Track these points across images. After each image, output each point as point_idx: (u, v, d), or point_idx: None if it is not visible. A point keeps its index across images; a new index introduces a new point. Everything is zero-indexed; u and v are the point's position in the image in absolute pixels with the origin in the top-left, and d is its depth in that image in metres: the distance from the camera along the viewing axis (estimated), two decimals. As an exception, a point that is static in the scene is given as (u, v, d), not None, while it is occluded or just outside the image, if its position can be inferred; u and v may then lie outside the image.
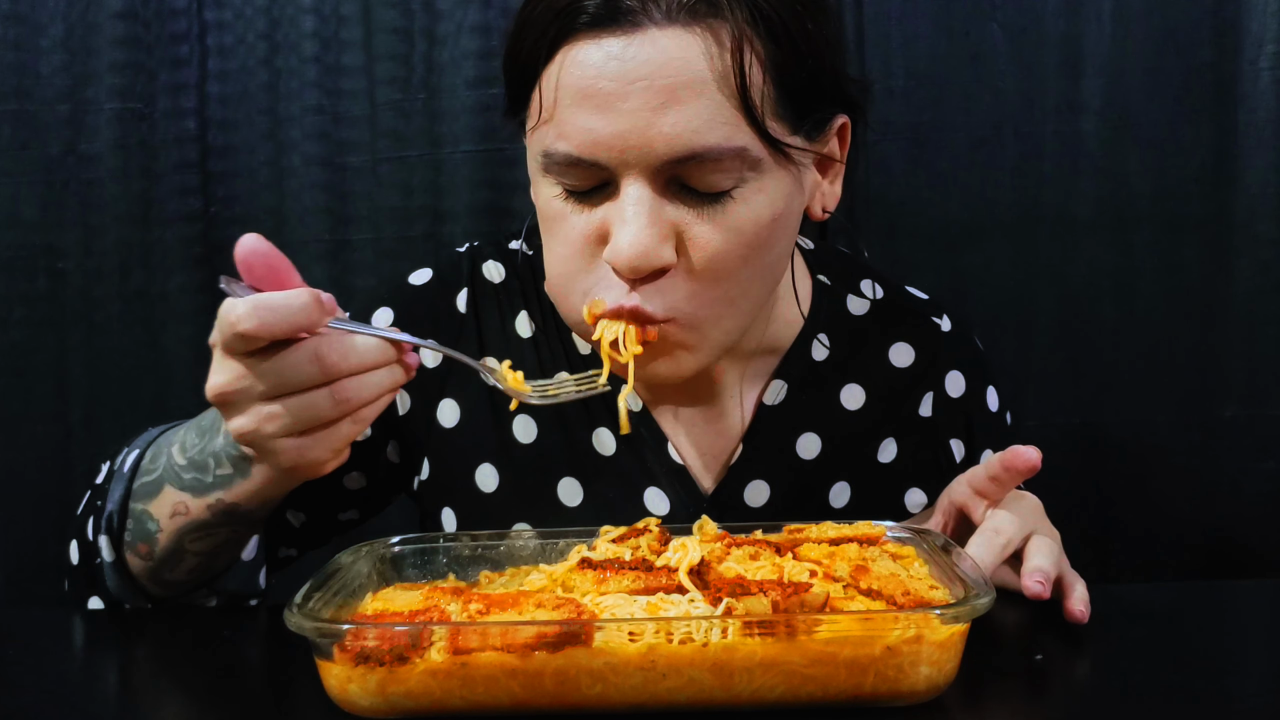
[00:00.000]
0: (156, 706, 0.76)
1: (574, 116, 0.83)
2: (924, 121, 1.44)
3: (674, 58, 0.81)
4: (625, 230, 0.83)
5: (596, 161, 0.83)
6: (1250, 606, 0.94)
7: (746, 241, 0.86)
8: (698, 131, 0.82)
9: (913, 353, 1.08)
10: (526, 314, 1.04)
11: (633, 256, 0.83)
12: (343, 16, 1.46)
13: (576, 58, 0.83)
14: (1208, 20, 1.40)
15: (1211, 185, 1.42)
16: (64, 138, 1.46)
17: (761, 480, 1.03)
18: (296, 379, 0.72)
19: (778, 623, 0.65)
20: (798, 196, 0.91)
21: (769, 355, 1.05)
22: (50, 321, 1.48)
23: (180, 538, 0.89)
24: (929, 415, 1.08)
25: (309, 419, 0.73)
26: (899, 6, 1.43)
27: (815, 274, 1.09)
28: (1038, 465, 0.84)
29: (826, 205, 0.95)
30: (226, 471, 0.86)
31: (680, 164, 0.83)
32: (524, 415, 1.02)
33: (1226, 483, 1.44)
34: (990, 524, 0.85)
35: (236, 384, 0.73)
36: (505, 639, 0.65)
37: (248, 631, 0.90)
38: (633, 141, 0.82)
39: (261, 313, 0.71)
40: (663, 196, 0.84)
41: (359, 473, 1.03)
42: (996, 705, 0.72)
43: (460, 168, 1.46)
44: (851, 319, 1.08)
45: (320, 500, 1.03)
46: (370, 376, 0.75)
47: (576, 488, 1.01)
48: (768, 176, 0.86)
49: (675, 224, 0.85)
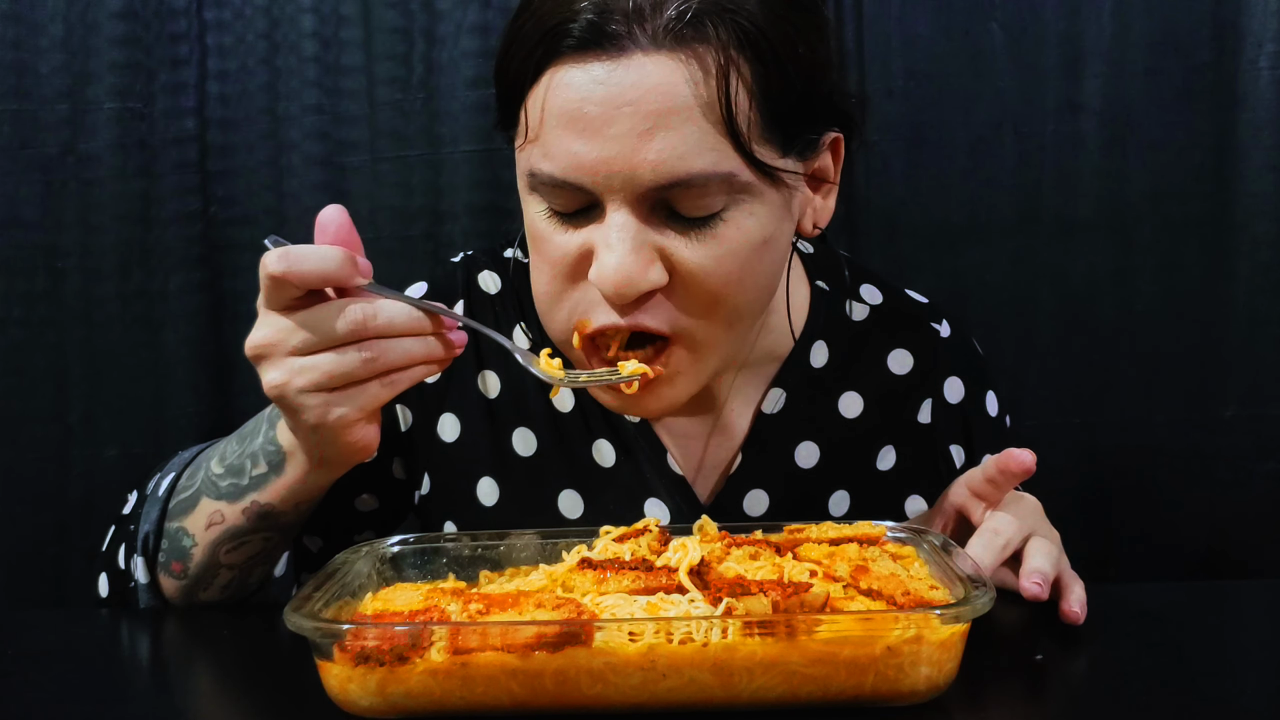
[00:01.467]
0: (157, 706, 0.76)
1: (559, 139, 0.82)
2: (924, 121, 1.44)
3: (659, 84, 0.80)
4: (610, 255, 0.83)
5: (581, 185, 0.83)
6: (1250, 606, 0.94)
7: (738, 265, 0.85)
8: (683, 158, 0.81)
9: (911, 359, 1.08)
10: (523, 326, 1.04)
11: (617, 282, 0.82)
12: (342, 16, 1.46)
13: (562, 80, 0.82)
14: (1207, 20, 1.40)
15: (1211, 185, 1.42)
16: (63, 137, 1.46)
17: (760, 489, 1.03)
18: (326, 332, 0.76)
19: (778, 623, 0.65)
20: (787, 218, 0.90)
21: (768, 363, 1.05)
22: (50, 321, 1.48)
23: (215, 550, 0.91)
24: (928, 422, 1.08)
25: (338, 375, 0.76)
26: (899, 7, 1.43)
27: (814, 280, 1.09)
28: (1032, 468, 0.85)
29: (818, 221, 0.94)
30: (262, 470, 0.88)
31: (666, 190, 0.82)
32: (523, 428, 1.02)
33: (1226, 483, 1.44)
34: (989, 525, 0.85)
35: (271, 338, 0.77)
36: (505, 639, 0.65)
37: (248, 631, 0.90)
38: (617, 167, 0.81)
39: (290, 258, 0.76)
40: (648, 222, 0.84)
41: (370, 494, 1.04)
42: (996, 705, 0.72)
43: (460, 168, 1.46)
44: (850, 325, 1.08)
45: (336, 524, 1.04)
46: (401, 341, 0.77)
47: (577, 500, 1.01)
48: (757, 200, 0.85)
49: (662, 248, 0.84)
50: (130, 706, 0.76)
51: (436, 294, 1.04)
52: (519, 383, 1.02)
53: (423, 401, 1.03)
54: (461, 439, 1.02)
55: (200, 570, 0.91)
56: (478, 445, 1.02)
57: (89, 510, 1.47)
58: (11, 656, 0.83)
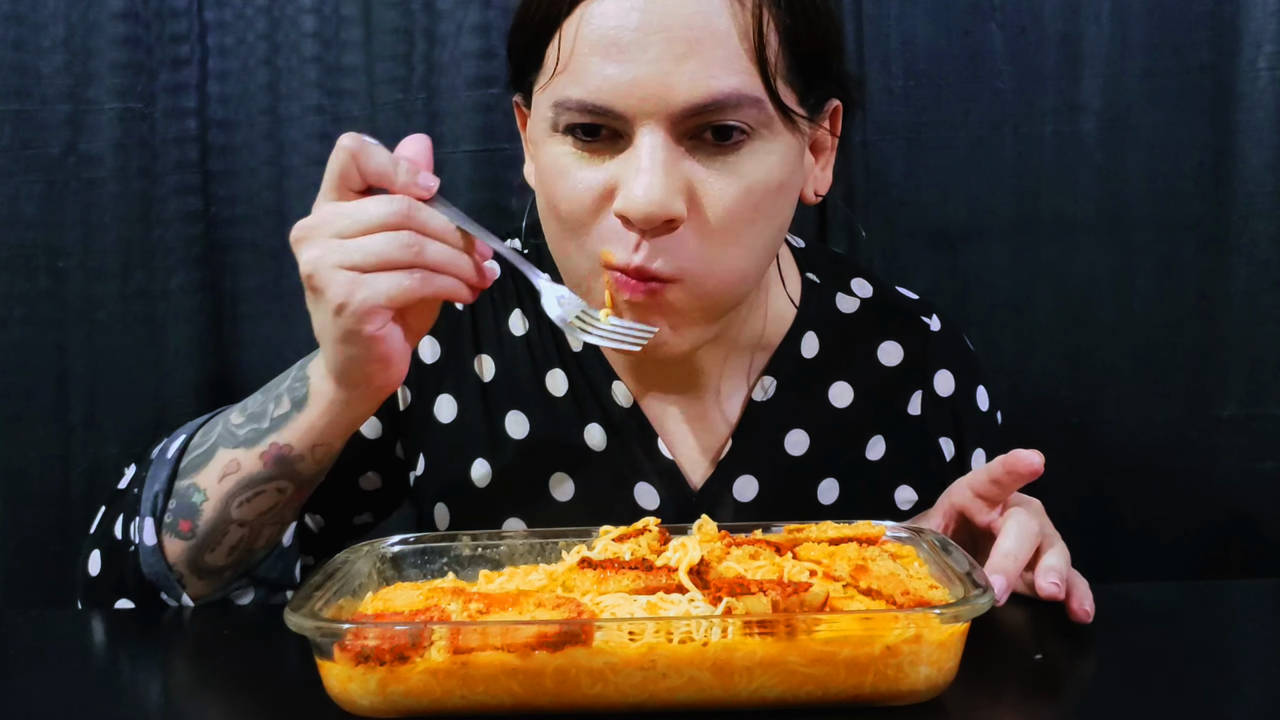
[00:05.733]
0: (156, 706, 0.76)
1: (592, 65, 0.84)
2: (923, 121, 1.44)
3: (696, 10, 0.83)
4: (640, 179, 0.84)
5: (612, 109, 0.84)
6: (1250, 606, 0.94)
7: (756, 201, 0.88)
8: (716, 78, 0.83)
9: (901, 351, 1.08)
10: (520, 312, 1.06)
11: (647, 203, 0.83)
12: (343, 17, 1.46)
13: (597, 10, 0.84)
14: (1206, 20, 1.39)
15: (1210, 185, 1.42)
16: (64, 137, 1.46)
17: (750, 475, 1.03)
18: (370, 217, 0.77)
19: (777, 622, 0.65)
20: (798, 170, 0.92)
21: (759, 352, 1.05)
22: (51, 320, 1.48)
23: (228, 503, 0.89)
24: (918, 413, 1.08)
25: (372, 253, 0.77)
26: (898, 6, 1.43)
27: (805, 272, 1.10)
28: (1040, 469, 0.85)
29: (818, 189, 0.97)
30: (285, 410, 0.88)
31: (698, 112, 0.84)
32: (516, 411, 1.03)
33: (1226, 483, 1.44)
34: (1017, 526, 0.85)
35: (317, 220, 0.79)
36: (505, 638, 0.65)
37: (248, 631, 0.91)
38: (651, 89, 0.83)
39: (364, 144, 0.79)
40: (678, 147, 0.85)
41: (374, 472, 1.05)
42: (996, 705, 0.72)
43: (460, 168, 1.46)
44: (841, 317, 1.09)
45: (338, 502, 1.05)
46: (438, 244, 0.79)
47: (567, 482, 1.02)
48: (777, 139, 0.88)
49: (688, 179, 0.86)
50: (130, 706, 0.76)
51: None
52: (513, 367, 1.04)
53: (421, 382, 1.04)
54: (457, 420, 1.04)
55: (210, 528, 0.90)
56: (472, 427, 1.03)
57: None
58: (12, 657, 0.83)
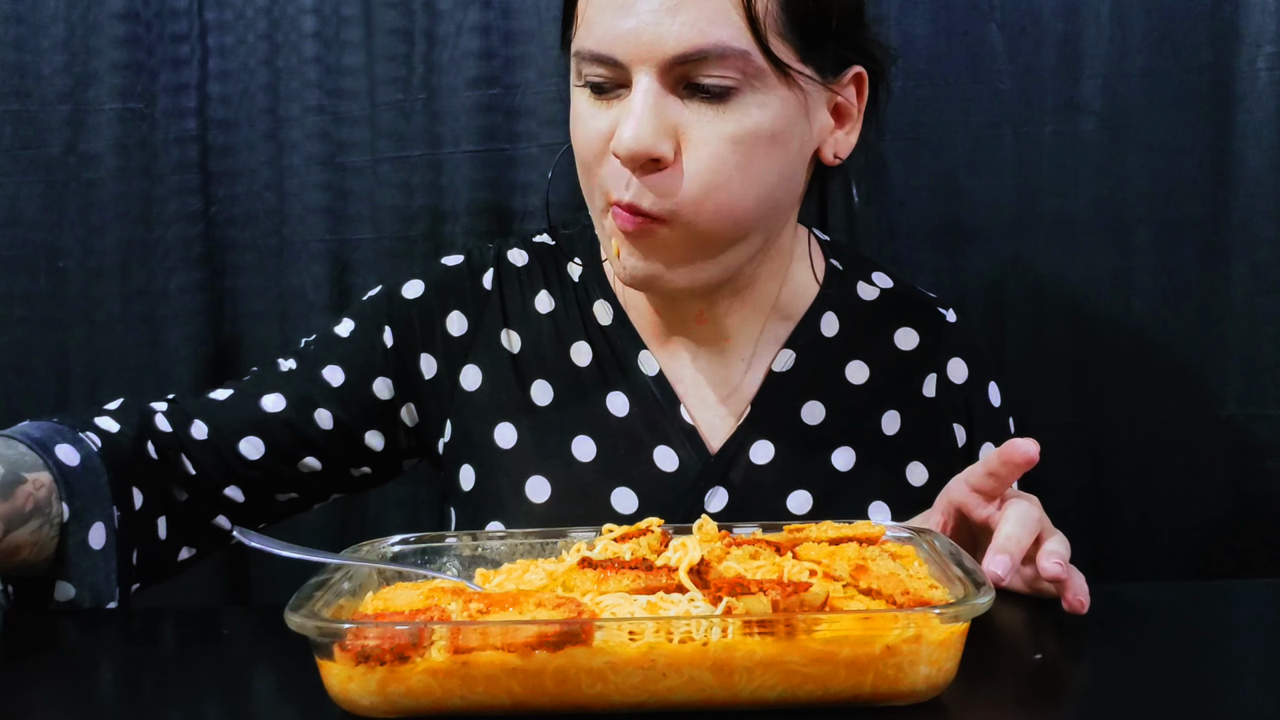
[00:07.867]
0: (156, 706, 0.76)
1: (599, 17, 0.93)
2: (923, 122, 1.44)
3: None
4: (629, 122, 0.92)
5: (613, 57, 0.92)
6: (1250, 606, 0.94)
7: (744, 150, 0.93)
8: (704, 31, 0.90)
9: (917, 337, 1.13)
10: (547, 292, 1.12)
11: (633, 140, 0.91)
12: (343, 17, 1.46)
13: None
14: (1206, 21, 1.39)
15: (1210, 186, 1.41)
16: (64, 138, 1.46)
17: (767, 440, 1.07)
18: None
19: (777, 622, 0.65)
20: (801, 123, 0.97)
21: (781, 322, 1.10)
22: (51, 320, 1.48)
23: None
24: (932, 395, 1.11)
25: None
26: (898, 6, 1.43)
27: (830, 259, 1.15)
28: (1035, 458, 0.85)
29: (839, 152, 1.02)
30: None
31: (687, 61, 0.91)
32: (542, 380, 1.09)
33: (1226, 483, 1.44)
34: (1015, 518, 0.85)
35: None
36: (506, 638, 0.65)
37: (248, 631, 0.91)
38: (645, 39, 0.91)
39: None
40: (670, 94, 0.93)
41: (378, 432, 1.11)
42: (996, 705, 0.72)
43: (460, 168, 1.46)
44: (861, 303, 1.14)
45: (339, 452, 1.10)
46: None
47: (589, 444, 1.07)
48: (770, 93, 0.93)
49: (677, 124, 0.93)
50: (130, 706, 0.77)
51: (470, 265, 1.13)
52: (539, 340, 1.10)
53: (448, 353, 1.10)
54: (483, 387, 1.09)
55: None
56: (498, 393, 1.09)
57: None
58: (12, 657, 0.83)
